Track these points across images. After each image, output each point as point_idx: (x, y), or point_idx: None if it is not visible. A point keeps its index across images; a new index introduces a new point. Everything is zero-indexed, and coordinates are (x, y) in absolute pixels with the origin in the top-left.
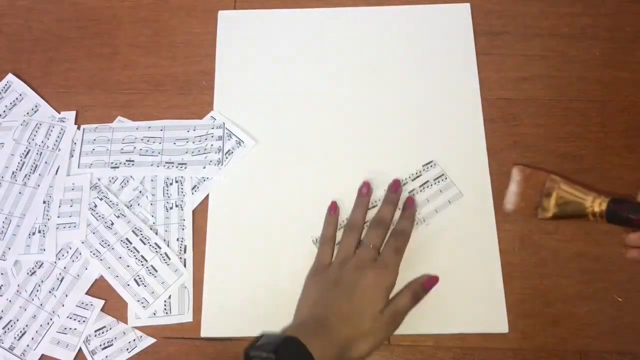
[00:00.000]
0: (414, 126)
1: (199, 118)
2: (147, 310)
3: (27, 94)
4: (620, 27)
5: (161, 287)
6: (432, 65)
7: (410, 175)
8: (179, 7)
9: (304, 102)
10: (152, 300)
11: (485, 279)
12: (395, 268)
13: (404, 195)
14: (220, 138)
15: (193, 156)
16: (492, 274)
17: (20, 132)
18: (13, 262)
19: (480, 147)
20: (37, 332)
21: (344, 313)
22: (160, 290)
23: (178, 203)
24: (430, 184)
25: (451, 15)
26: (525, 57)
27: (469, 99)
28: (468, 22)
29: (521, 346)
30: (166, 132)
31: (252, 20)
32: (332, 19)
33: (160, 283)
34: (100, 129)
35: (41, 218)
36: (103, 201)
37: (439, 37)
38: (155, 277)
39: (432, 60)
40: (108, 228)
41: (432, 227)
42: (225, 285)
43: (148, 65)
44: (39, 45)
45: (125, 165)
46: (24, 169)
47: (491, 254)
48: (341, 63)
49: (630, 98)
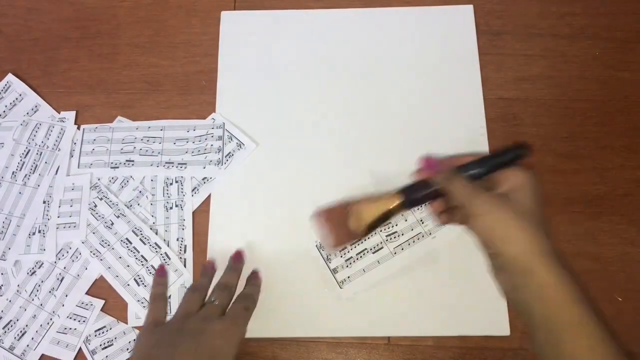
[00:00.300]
0: (416, 128)
1: (200, 118)
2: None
3: (27, 94)
4: (619, 27)
5: None
6: (434, 67)
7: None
8: (178, 7)
9: (305, 103)
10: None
11: (486, 282)
12: (244, 323)
13: None
14: (220, 138)
15: (193, 156)
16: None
17: (20, 132)
18: (13, 262)
19: (482, 148)
20: (37, 332)
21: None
22: None
23: (178, 203)
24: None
25: (454, 16)
26: (525, 57)
27: (472, 100)
28: (471, 24)
29: (521, 346)
30: (166, 132)
31: (255, 21)
32: (335, 20)
33: None
34: (100, 129)
35: (41, 218)
36: (103, 201)
37: (442, 38)
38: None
39: (435, 61)
40: (108, 228)
41: (437, 239)
42: None
43: (148, 65)
44: (39, 46)
45: (125, 165)
46: (23, 169)
47: None
48: (343, 64)
49: (630, 98)
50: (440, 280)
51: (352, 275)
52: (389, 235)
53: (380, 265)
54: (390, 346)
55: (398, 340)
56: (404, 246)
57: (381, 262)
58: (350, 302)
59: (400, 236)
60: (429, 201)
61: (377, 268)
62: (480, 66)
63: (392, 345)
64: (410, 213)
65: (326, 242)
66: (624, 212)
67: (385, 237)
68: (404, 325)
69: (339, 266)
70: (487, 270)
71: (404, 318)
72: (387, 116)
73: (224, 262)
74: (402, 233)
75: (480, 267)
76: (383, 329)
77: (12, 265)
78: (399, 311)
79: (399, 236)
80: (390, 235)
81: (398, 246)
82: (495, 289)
